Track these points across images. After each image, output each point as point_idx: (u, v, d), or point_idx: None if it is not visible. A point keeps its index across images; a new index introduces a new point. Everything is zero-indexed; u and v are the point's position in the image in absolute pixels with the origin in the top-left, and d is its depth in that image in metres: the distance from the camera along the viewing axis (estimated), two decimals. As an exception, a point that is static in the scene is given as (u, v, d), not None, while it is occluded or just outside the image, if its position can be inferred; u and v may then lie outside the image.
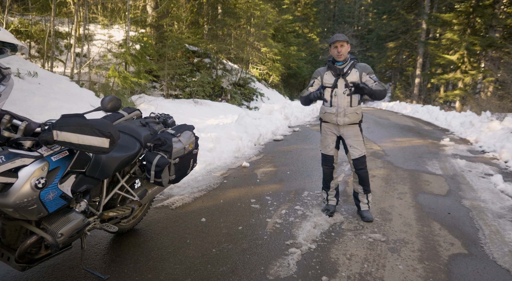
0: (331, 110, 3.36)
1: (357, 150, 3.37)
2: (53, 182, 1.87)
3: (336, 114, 3.34)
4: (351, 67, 3.27)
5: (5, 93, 1.71)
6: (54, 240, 1.92)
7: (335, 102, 3.33)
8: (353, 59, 3.31)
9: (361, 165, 3.40)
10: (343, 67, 3.27)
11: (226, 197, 3.97)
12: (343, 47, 3.20)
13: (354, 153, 3.39)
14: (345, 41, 3.20)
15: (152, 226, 3.13)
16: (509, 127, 7.99)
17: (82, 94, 6.72)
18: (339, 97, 3.30)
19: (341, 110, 3.31)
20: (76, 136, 1.82)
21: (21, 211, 1.75)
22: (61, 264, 2.42)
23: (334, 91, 3.32)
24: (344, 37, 3.21)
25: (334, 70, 3.30)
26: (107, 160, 2.33)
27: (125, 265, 2.47)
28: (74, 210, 2.09)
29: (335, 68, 3.29)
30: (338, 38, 3.20)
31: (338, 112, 3.33)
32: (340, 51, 3.20)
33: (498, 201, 4.06)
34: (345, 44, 3.20)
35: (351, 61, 3.29)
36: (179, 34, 14.10)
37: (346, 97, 3.29)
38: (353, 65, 3.28)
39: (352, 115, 3.33)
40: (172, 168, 2.71)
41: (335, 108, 3.34)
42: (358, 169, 3.41)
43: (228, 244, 2.84)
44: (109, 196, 2.50)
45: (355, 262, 2.62)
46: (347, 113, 3.31)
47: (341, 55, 3.21)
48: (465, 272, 2.52)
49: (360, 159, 3.39)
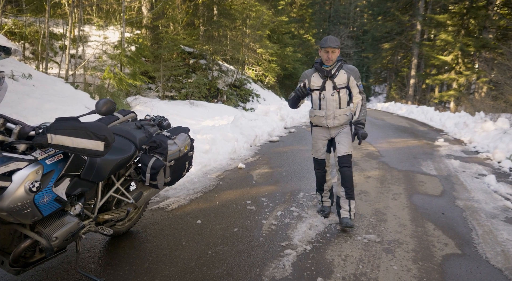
0: (320, 113, 3.33)
1: (344, 147, 3.30)
2: (48, 186, 1.87)
3: (325, 117, 3.31)
4: (339, 69, 3.24)
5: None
6: (49, 244, 1.92)
7: (323, 105, 3.29)
8: (340, 60, 3.27)
9: (346, 163, 3.30)
10: (331, 69, 3.23)
11: (222, 199, 3.98)
12: (333, 54, 3.16)
13: (340, 150, 3.31)
14: (337, 48, 3.15)
15: (148, 229, 3.13)
16: (502, 128, 8.06)
17: (77, 96, 6.69)
18: (327, 99, 3.27)
19: (330, 112, 3.28)
20: (71, 139, 1.82)
21: (15, 215, 1.74)
22: (56, 267, 2.42)
23: (322, 94, 3.29)
24: (337, 44, 3.15)
25: (321, 72, 3.26)
26: (102, 163, 2.32)
27: (120, 268, 2.47)
28: (69, 213, 2.09)
29: (323, 70, 3.25)
30: (331, 43, 3.12)
31: (328, 115, 3.29)
32: (330, 57, 3.16)
33: (491, 201, 4.10)
34: (336, 50, 3.16)
35: (338, 62, 3.25)
36: (175, 35, 14.09)
37: (335, 99, 3.26)
38: (341, 66, 3.25)
39: (341, 117, 3.31)
40: (168, 170, 2.71)
41: (324, 111, 3.30)
42: (342, 167, 3.30)
43: (224, 246, 2.85)
44: (104, 199, 2.49)
45: (350, 263, 2.63)
46: (337, 115, 3.29)
47: (330, 61, 3.18)
48: (459, 272, 2.55)
49: (346, 157, 3.30)
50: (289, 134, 9.17)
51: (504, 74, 14.34)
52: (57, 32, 14.09)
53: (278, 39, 24.06)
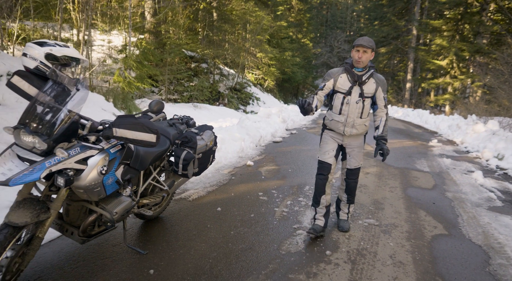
0: (340, 118, 3.07)
1: (354, 161, 3.20)
2: (112, 170, 2.32)
3: (344, 123, 3.06)
4: (370, 76, 2.98)
5: (82, 99, 2.15)
6: (112, 217, 2.36)
7: (345, 111, 3.03)
8: (372, 67, 3.01)
9: (353, 175, 3.25)
10: (362, 74, 2.96)
11: (236, 191, 4.42)
12: (365, 54, 2.87)
13: (350, 163, 3.21)
14: (370, 49, 2.86)
15: (175, 215, 3.56)
16: (492, 129, 8.57)
17: (93, 99, 7.11)
18: (351, 106, 3.00)
19: (351, 120, 3.04)
20: (131, 132, 2.26)
21: (88, 192, 2.19)
22: (105, 243, 2.86)
23: (346, 99, 3.01)
24: (371, 44, 2.86)
25: (351, 75, 2.98)
26: (144, 154, 2.77)
27: (158, 244, 2.91)
28: (122, 194, 2.54)
29: (353, 74, 2.97)
30: (363, 42, 2.84)
31: (347, 122, 3.05)
32: (360, 57, 2.87)
33: (477, 193, 4.58)
34: (369, 51, 2.86)
35: (370, 70, 2.99)
36: (177, 40, 14.56)
37: (358, 107, 3.01)
38: (372, 74, 3.00)
39: (360, 127, 3.08)
40: (196, 162, 3.16)
41: (344, 117, 3.05)
42: (349, 179, 3.26)
43: (244, 228, 3.29)
44: (145, 185, 2.94)
45: (353, 241, 3.09)
46: (356, 125, 3.05)
47: (360, 62, 2.89)
48: (445, 248, 3.01)
49: (355, 170, 3.23)
50: (291, 135, 9.63)
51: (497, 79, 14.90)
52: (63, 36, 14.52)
53: (277, 43, 24.62)
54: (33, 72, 2.19)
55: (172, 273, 2.47)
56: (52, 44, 2.23)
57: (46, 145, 1.96)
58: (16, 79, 2.17)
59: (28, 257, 2.09)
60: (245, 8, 19.11)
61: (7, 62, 6.01)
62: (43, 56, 2.16)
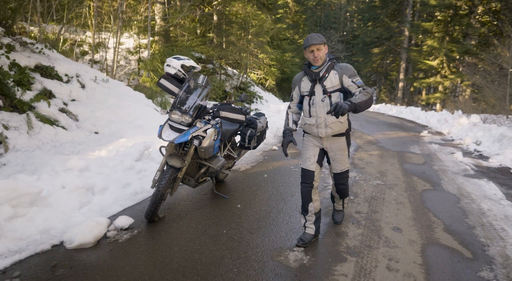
0: (311, 121, 2.91)
1: (339, 165, 3.01)
2: (217, 139, 3.61)
3: (316, 125, 2.88)
4: (329, 70, 2.77)
5: (207, 93, 3.43)
6: (216, 169, 3.64)
7: (313, 112, 2.86)
8: (331, 59, 2.80)
9: (342, 180, 3.09)
10: (319, 71, 2.77)
11: (272, 166, 5.72)
12: (320, 51, 2.70)
13: (335, 167, 3.03)
14: (322, 43, 2.68)
15: (234, 180, 4.85)
16: (473, 122, 10.00)
17: (137, 96, 8.36)
18: (317, 105, 2.83)
19: (321, 120, 2.84)
20: (230, 113, 3.56)
21: (206, 151, 3.47)
22: (197, 192, 4.14)
23: (311, 99, 2.85)
24: (321, 39, 2.68)
25: (310, 75, 2.82)
26: (225, 131, 4.07)
27: (231, 194, 4.20)
28: (219, 156, 3.83)
29: (311, 73, 2.80)
30: (314, 40, 2.66)
31: (318, 123, 2.86)
32: (316, 56, 2.70)
33: (456, 166, 5.95)
34: (322, 46, 2.69)
35: (329, 62, 2.78)
36: (187, 42, 15.80)
37: (325, 105, 2.80)
38: (331, 66, 2.78)
39: (335, 125, 2.85)
40: (255, 138, 4.47)
41: (314, 119, 2.88)
42: (338, 184, 3.14)
43: (285, 186, 4.59)
44: (224, 152, 4.24)
45: (368, 192, 4.42)
46: (329, 124, 2.84)
47: (318, 60, 2.72)
48: (431, 195, 4.35)
49: (342, 174, 3.06)
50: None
51: (485, 78, 16.27)
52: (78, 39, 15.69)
53: (277, 45, 25.96)
54: (173, 76, 3.47)
55: (252, 207, 3.77)
56: (182, 58, 3.51)
57: (191, 120, 3.25)
58: (162, 80, 3.44)
59: (173, 190, 3.37)
60: (248, 11, 20.42)
61: (73, 66, 7.24)
62: (179, 66, 3.45)
